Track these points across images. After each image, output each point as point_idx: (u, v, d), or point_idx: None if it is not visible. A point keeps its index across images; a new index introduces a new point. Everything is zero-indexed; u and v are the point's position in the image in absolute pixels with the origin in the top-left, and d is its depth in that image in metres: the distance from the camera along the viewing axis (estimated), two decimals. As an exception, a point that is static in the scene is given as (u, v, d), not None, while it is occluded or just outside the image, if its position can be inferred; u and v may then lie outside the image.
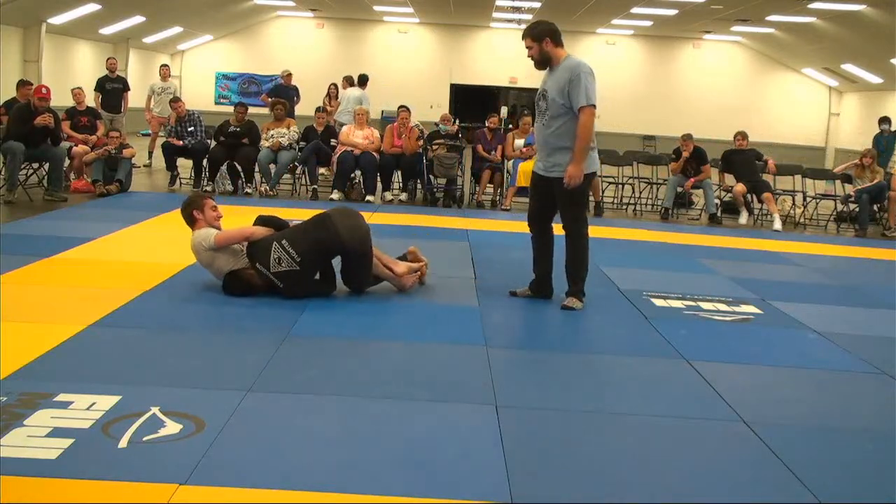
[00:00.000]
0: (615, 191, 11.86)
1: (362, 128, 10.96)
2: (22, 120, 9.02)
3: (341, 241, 5.24)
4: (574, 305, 5.41)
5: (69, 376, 3.68)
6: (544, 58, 5.30)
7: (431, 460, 3.06)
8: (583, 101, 5.11)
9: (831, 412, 3.97)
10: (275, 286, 5.19)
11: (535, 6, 19.41)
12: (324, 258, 5.33)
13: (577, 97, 5.12)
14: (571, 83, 5.14)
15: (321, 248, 5.25)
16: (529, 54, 5.33)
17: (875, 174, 10.99)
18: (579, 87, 5.11)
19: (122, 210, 8.60)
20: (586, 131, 5.14)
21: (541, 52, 5.28)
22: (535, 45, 5.27)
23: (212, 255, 5.28)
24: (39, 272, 5.70)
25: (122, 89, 13.40)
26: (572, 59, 5.29)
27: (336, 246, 5.27)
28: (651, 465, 3.18)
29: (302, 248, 5.17)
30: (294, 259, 5.15)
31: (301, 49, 23.23)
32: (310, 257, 5.20)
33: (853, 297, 6.67)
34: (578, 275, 5.46)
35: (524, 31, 5.38)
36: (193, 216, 5.39)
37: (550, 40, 5.26)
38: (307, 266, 5.21)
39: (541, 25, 5.33)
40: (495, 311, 5.34)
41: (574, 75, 5.15)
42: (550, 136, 5.31)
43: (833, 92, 23.57)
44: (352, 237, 5.27)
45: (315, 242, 5.23)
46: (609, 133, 22.27)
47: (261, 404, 3.49)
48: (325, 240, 5.25)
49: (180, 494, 2.67)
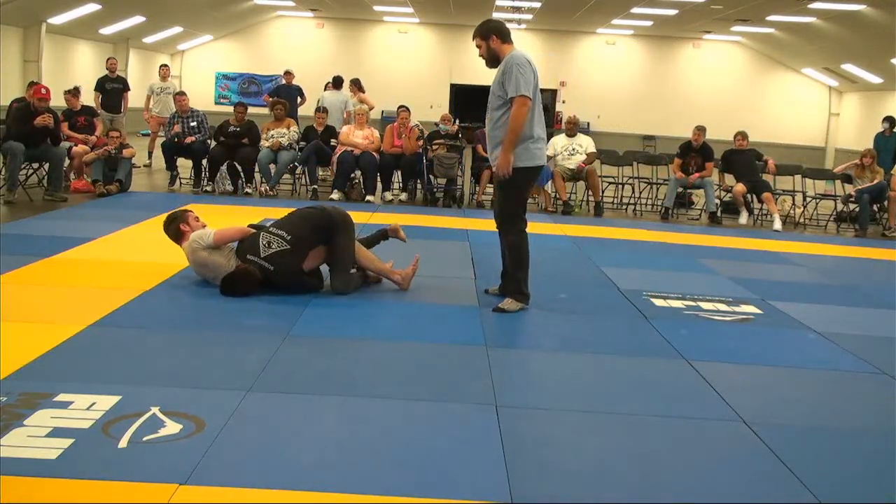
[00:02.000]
0: (615, 191, 11.86)
1: (362, 128, 10.96)
2: (22, 120, 9.02)
3: (329, 214, 5.48)
4: (507, 307, 5.28)
5: (69, 376, 3.68)
6: (493, 55, 5.31)
7: (431, 460, 3.06)
8: (512, 92, 5.09)
9: (831, 412, 3.97)
10: (267, 273, 5.24)
11: (535, 6, 19.42)
12: (313, 235, 5.38)
13: (509, 88, 5.10)
14: (505, 75, 5.15)
15: (310, 223, 5.42)
16: (480, 54, 5.35)
17: (875, 174, 10.99)
18: (511, 78, 5.10)
19: (122, 210, 8.60)
20: (516, 121, 5.07)
21: (489, 50, 5.30)
22: (484, 43, 5.29)
23: (207, 255, 5.33)
24: (39, 272, 5.70)
25: (122, 89, 13.39)
26: (511, 53, 5.25)
27: (324, 219, 5.45)
28: (651, 465, 3.18)
29: (291, 228, 5.35)
30: (284, 238, 5.28)
31: (301, 49, 23.22)
32: (300, 234, 5.32)
33: (853, 297, 6.67)
34: (515, 275, 5.36)
35: (474, 31, 5.38)
36: (181, 230, 5.49)
37: (497, 37, 5.28)
38: (298, 244, 5.29)
39: (487, 24, 5.35)
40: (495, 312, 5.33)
41: (507, 67, 5.15)
42: (492, 129, 5.28)
43: (833, 92, 23.57)
44: (337, 212, 5.54)
45: (303, 219, 5.47)
46: (609, 133, 22.33)
47: (261, 404, 3.49)
48: (314, 215, 5.50)
49: (180, 494, 2.67)
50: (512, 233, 5.37)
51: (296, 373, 3.95)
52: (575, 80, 23.75)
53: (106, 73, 13.52)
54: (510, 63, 5.15)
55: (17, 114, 9.23)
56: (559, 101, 23.88)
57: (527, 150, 5.20)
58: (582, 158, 10.91)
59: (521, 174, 5.22)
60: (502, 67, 5.20)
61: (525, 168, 5.22)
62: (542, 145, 5.33)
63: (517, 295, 5.35)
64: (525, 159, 5.20)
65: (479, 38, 5.30)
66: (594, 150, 11.20)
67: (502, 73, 5.18)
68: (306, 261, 5.37)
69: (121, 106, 13.29)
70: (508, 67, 5.14)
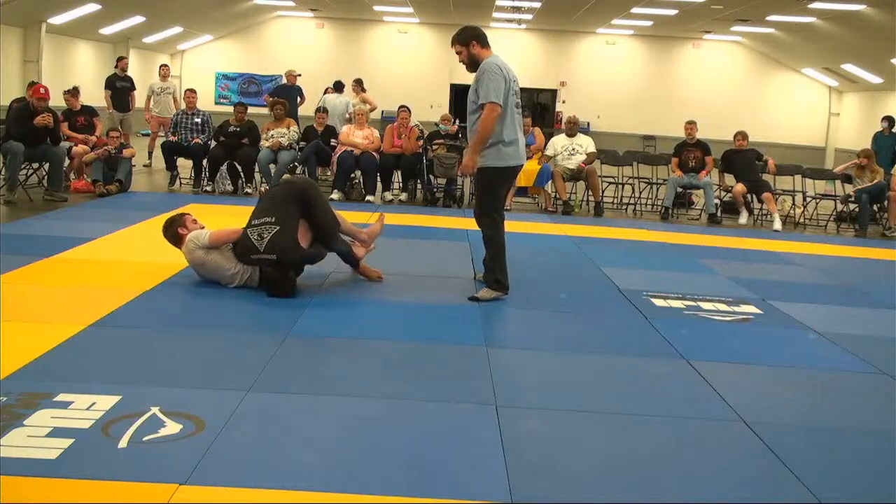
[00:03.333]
0: (615, 191, 11.86)
1: (362, 128, 10.96)
2: (22, 120, 9.02)
3: (291, 182, 5.65)
4: (482, 296, 5.54)
5: (69, 376, 3.68)
6: (473, 60, 5.52)
7: (431, 460, 3.06)
8: (482, 98, 5.36)
9: (831, 412, 3.97)
10: (273, 264, 5.26)
11: (535, 6, 19.42)
12: (290, 206, 5.39)
13: (481, 94, 5.38)
14: (479, 82, 5.41)
15: (280, 197, 5.49)
16: (460, 59, 5.55)
17: (875, 174, 10.98)
18: (483, 84, 5.37)
19: (122, 210, 8.60)
20: (484, 125, 5.35)
21: (470, 56, 5.51)
22: (464, 49, 5.51)
23: (204, 255, 5.37)
24: (39, 272, 5.70)
25: (130, 88, 13.51)
26: (486, 60, 5.48)
27: (289, 189, 5.59)
28: (651, 465, 3.18)
29: (269, 210, 5.37)
30: (269, 222, 5.29)
31: (301, 49, 23.21)
32: (279, 211, 5.33)
33: (853, 297, 6.67)
34: (491, 265, 5.63)
35: (453, 37, 5.58)
36: (179, 234, 5.53)
37: (477, 43, 5.50)
38: (283, 219, 5.31)
39: (467, 31, 5.57)
40: (495, 312, 5.34)
41: (481, 73, 5.42)
42: (470, 131, 5.55)
43: (833, 92, 23.56)
44: (299, 179, 5.77)
45: (272, 198, 5.56)
46: (609, 133, 22.32)
47: (261, 404, 3.49)
48: (279, 191, 5.64)
49: (180, 494, 2.67)
50: (487, 226, 5.63)
51: (296, 373, 3.95)
52: (575, 80, 23.75)
53: (115, 72, 13.60)
54: (483, 70, 5.42)
55: (17, 114, 9.23)
56: (559, 101, 23.89)
57: (498, 152, 5.48)
58: (582, 158, 10.91)
59: (493, 173, 5.54)
60: (478, 74, 5.45)
61: (495, 168, 5.51)
62: (516, 148, 5.55)
63: (494, 284, 5.59)
64: (496, 160, 5.48)
65: (460, 45, 5.52)
66: (594, 150, 11.19)
67: (476, 80, 5.44)
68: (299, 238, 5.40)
69: (128, 104, 13.38)
70: (481, 75, 5.41)
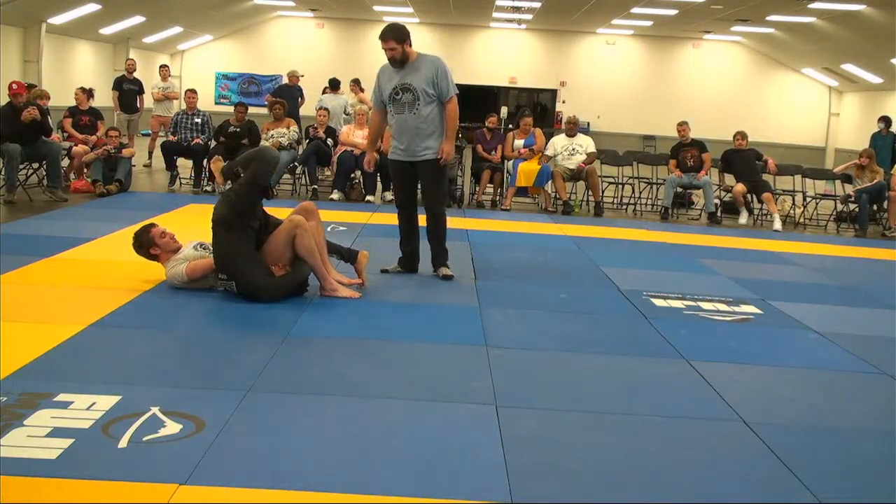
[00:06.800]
0: (615, 191, 11.86)
1: (362, 128, 10.95)
2: (9, 119, 8.95)
3: (218, 210, 5.09)
4: (452, 273, 6.14)
5: (69, 376, 3.67)
6: (404, 58, 5.86)
7: (431, 460, 3.06)
8: (451, 92, 5.89)
9: (831, 412, 3.97)
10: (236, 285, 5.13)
11: (535, 6, 19.41)
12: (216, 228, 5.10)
13: (448, 88, 5.88)
14: (439, 76, 5.84)
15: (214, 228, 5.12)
16: (392, 55, 5.84)
17: (875, 174, 10.98)
18: (447, 79, 5.88)
19: (122, 210, 8.59)
20: (456, 115, 5.97)
21: (403, 53, 5.85)
22: (399, 46, 5.82)
23: (189, 283, 5.30)
24: (39, 272, 5.70)
25: (137, 91, 13.57)
26: (426, 55, 5.97)
27: (214, 217, 5.11)
28: (651, 465, 3.18)
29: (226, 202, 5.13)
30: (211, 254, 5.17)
31: (301, 49, 23.21)
32: (213, 242, 5.14)
33: (853, 297, 6.67)
34: (443, 246, 6.20)
35: (385, 34, 5.84)
36: (152, 254, 5.46)
37: (408, 42, 5.88)
38: (215, 252, 5.12)
39: (402, 29, 5.91)
40: (495, 311, 5.34)
41: (440, 69, 5.86)
42: (422, 123, 5.88)
43: (833, 92, 23.56)
44: (227, 209, 5.13)
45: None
46: (609, 133, 22.31)
47: (261, 404, 3.49)
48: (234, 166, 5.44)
49: (180, 494, 2.67)
50: (441, 212, 6.23)
51: (296, 373, 3.95)
52: (575, 80, 23.74)
53: (123, 74, 13.64)
54: (442, 66, 5.89)
55: (3, 115, 9.13)
56: (559, 101, 23.88)
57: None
58: (582, 158, 10.90)
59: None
60: (434, 69, 5.84)
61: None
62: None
63: (447, 262, 6.20)
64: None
65: (395, 42, 5.80)
66: (594, 150, 11.19)
67: (435, 74, 5.83)
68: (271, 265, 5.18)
69: (135, 106, 13.45)
70: (442, 70, 5.86)
